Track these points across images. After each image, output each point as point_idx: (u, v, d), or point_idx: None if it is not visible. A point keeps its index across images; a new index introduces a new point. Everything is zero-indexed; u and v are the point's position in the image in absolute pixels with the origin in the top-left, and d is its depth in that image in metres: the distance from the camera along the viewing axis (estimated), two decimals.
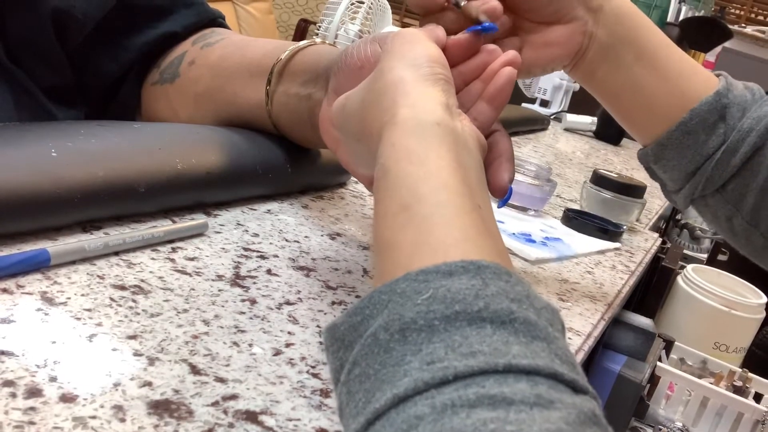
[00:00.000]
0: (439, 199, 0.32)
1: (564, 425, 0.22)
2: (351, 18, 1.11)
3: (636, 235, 0.92)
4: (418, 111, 0.36)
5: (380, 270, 0.32)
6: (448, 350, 0.25)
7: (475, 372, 0.24)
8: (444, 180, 0.33)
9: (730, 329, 1.32)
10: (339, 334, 0.29)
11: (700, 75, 0.56)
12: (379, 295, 0.29)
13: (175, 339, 0.36)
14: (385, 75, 0.39)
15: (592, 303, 0.61)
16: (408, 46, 0.41)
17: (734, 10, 4.54)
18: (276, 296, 0.44)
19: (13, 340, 0.32)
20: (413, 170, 0.33)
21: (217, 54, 0.64)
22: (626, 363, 0.77)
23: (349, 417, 0.26)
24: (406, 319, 0.27)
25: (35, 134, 0.45)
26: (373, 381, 0.26)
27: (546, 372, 0.25)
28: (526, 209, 0.85)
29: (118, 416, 0.29)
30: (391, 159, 0.35)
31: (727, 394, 1.06)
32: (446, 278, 0.28)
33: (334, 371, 0.29)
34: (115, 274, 0.41)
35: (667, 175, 0.59)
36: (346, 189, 0.71)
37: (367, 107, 0.40)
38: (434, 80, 0.39)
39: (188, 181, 0.51)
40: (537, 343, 0.26)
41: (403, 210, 0.32)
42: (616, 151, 1.81)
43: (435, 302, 0.27)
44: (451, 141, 0.35)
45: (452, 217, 0.31)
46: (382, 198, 0.34)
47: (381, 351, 0.27)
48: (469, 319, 0.26)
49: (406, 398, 0.24)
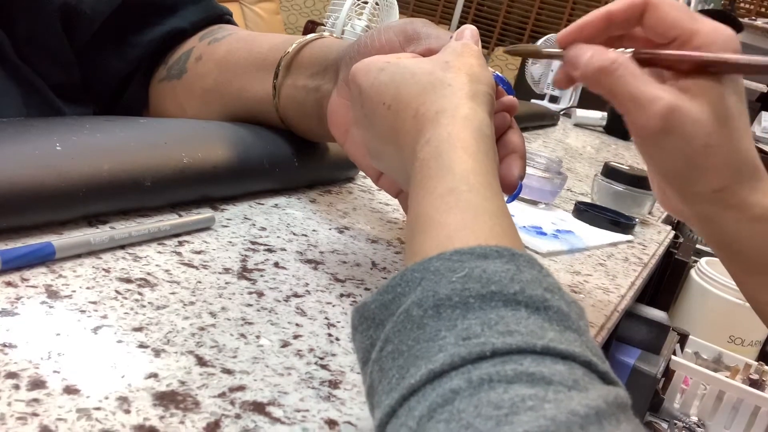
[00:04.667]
0: (486, 194, 0.33)
1: (603, 404, 0.22)
2: (358, 14, 1.11)
3: (648, 228, 0.90)
4: (478, 118, 0.38)
5: (417, 246, 0.32)
6: (485, 327, 0.25)
7: (512, 350, 0.24)
8: (490, 180, 0.34)
9: (745, 322, 1.30)
10: (369, 312, 0.29)
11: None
12: (411, 273, 0.28)
13: (182, 331, 0.35)
14: (452, 70, 0.41)
15: (605, 295, 0.60)
16: (477, 61, 0.43)
17: (744, 4, 4.50)
18: (283, 289, 0.43)
19: (17, 332, 0.31)
20: (468, 160, 0.35)
21: (224, 49, 0.64)
22: (640, 356, 0.76)
23: (381, 393, 0.26)
24: (440, 296, 0.26)
25: (40, 129, 0.45)
26: (407, 357, 0.26)
27: (581, 359, 0.24)
28: (536, 202, 0.84)
29: (123, 408, 0.28)
30: (447, 144, 0.36)
31: (744, 388, 1.05)
32: (481, 260, 0.28)
33: (363, 350, 0.29)
34: (121, 268, 0.40)
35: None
36: (354, 183, 0.71)
37: (422, 86, 0.40)
38: (490, 101, 0.41)
39: (194, 176, 0.51)
40: (570, 333, 0.26)
41: (450, 193, 0.33)
42: (627, 145, 1.80)
43: (470, 281, 0.27)
44: (493, 155, 0.37)
45: (495, 213, 0.32)
46: (432, 177, 0.35)
47: (414, 327, 0.26)
48: (505, 300, 0.26)
49: (441, 373, 0.24)
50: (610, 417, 0.22)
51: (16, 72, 0.57)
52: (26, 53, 0.58)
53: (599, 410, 0.22)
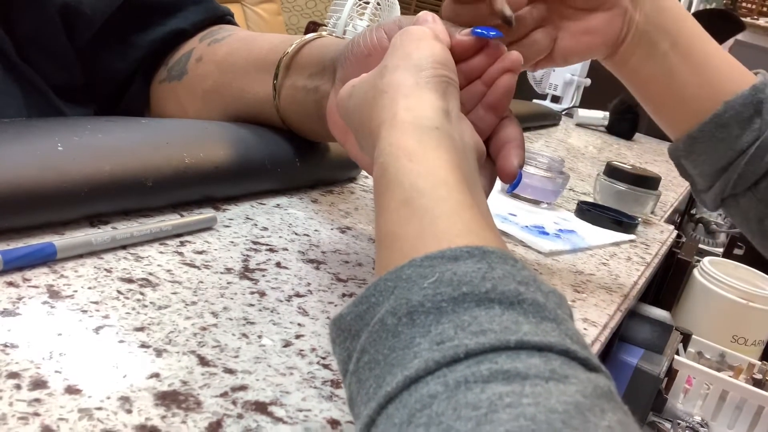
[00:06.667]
0: (439, 194, 0.32)
1: (581, 398, 0.22)
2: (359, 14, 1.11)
3: (651, 228, 0.90)
4: (417, 115, 0.36)
5: (384, 262, 0.31)
6: (458, 330, 0.25)
7: (486, 349, 0.24)
8: (443, 177, 0.33)
9: (748, 322, 1.30)
10: (345, 324, 0.29)
11: (737, 69, 0.55)
12: (384, 283, 0.28)
13: (183, 331, 0.35)
14: (388, 73, 0.39)
15: (608, 294, 0.60)
16: (414, 45, 0.41)
17: (746, 3, 4.50)
18: (285, 288, 0.43)
19: (19, 332, 0.31)
20: (412, 167, 0.33)
21: (225, 50, 0.64)
22: (643, 356, 0.76)
23: (360, 405, 0.26)
24: (413, 303, 0.26)
25: (42, 129, 0.45)
26: (383, 366, 0.25)
27: (558, 349, 0.24)
28: (538, 202, 0.84)
29: (125, 407, 0.28)
30: (390, 157, 0.34)
31: (747, 387, 1.04)
32: (452, 263, 0.27)
33: (342, 362, 0.29)
34: (123, 268, 0.40)
35: (698, 171, 0.57)
36: (356, 183, 0.71)
37: (369, 103, 0.39)
38: (436, 84, 0.38)
39: (196, 176, 0.51)
40: (547, 323, 0.26)
41: (404, 204, 0.32)
42: (629, 145, 1.79)
43: (442, 285, 0.26)
44: (449, 144, 0.35)
45: (454, 211, 0.31)
46: (383, 194, 0.34)
47: (389, 336, 0.26)
48: (477, 300, 0.26)
49: (417, 379, 0.23)
50: (592, 408, 0.22)
51: (17, 72, 0.57)
52: (27, 53, 0.58)
53: (578, 404, 0.21)
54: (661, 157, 1.71)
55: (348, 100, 0.42)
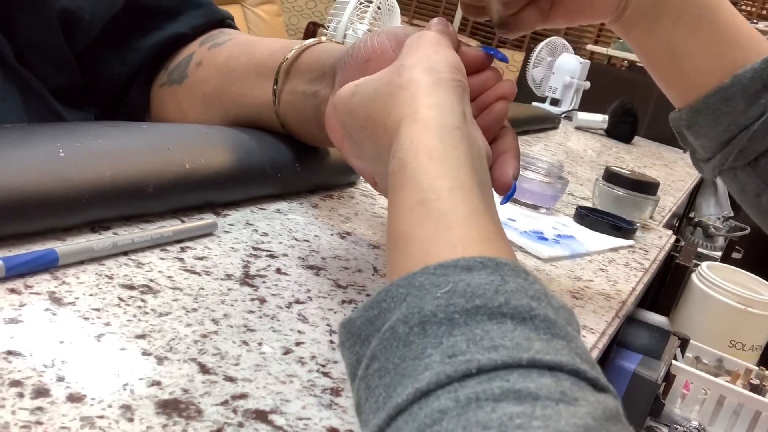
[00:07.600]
0: (456, 198, 0.32)
1: (591, 420, 0.22)
2: (359, 17, 1.11)
3: (649, 233, 0.91)
4: (441, 113, 0.36)
5: (396, 264, 0.32)
6: (470, 343, 0.25)
7: (498, 366, 0.24)
8: (461, 179, 0.33)
9: (746, 327, 1.30)
10: (355, 328, 0.29)
11: (754, 39, 0.52)
12: (396, 289, 0.28)
13: (184, 338, 0.35)
14: (407, 71, 0.39)
15: (606, 300, 0.60)
16: (432, 49, 0.41)
17: (746, 7, 4.50)
18: (285, 295, 0.43)
19: (21, 340, 0.32)
20: (432, 166, 0.34)
21: (225, 54, 0.64)
22: (641, 361, 0.76)
23: (369, 413, 0.26)
24: (425, 312, 0.26)
25: (43, 135, 0.45)
26: (393, 375, 0.25)
27: (569, 369, 0.24)
28: (537, 207, 0.84)
29: (126, 416, 0.29)
30: (410, 153, 0.35)
31: (744, 393, 1.05)
32: (465, 273, 0.27)
33: (350, 366, 0.29)
34: (124, 274, 0.40)
35: (699, 142, 0.56)
36: (356, 188, 0.71)
37: (383, 98, 0.39)
38: (454, 87, 0.39)
39: (197, 181, 0.51)
40: (557, 341, 0.26)
41: (420, 205, 0.32)
42: (628, 149, 1.80)
43: (455, 296, 0.26)
44: (468, 146, 0.36)
45: (469, 216, 0.31)
46: (399, 191, 0.34)
47: (400, 344, 0.26)
48: (490, 313, 0.26)
49: (428, 392, 0.24)
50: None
51: (17, 77, 0.57)
52: (27, 58, 0.58)
53: (588, 427, 0.22)
54: (659, 161, 1.71)
55: (351, 98, 0.43)
